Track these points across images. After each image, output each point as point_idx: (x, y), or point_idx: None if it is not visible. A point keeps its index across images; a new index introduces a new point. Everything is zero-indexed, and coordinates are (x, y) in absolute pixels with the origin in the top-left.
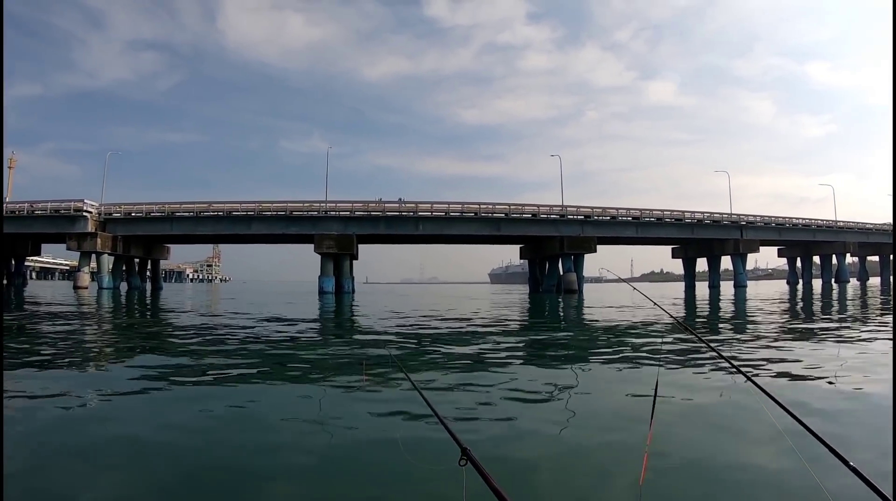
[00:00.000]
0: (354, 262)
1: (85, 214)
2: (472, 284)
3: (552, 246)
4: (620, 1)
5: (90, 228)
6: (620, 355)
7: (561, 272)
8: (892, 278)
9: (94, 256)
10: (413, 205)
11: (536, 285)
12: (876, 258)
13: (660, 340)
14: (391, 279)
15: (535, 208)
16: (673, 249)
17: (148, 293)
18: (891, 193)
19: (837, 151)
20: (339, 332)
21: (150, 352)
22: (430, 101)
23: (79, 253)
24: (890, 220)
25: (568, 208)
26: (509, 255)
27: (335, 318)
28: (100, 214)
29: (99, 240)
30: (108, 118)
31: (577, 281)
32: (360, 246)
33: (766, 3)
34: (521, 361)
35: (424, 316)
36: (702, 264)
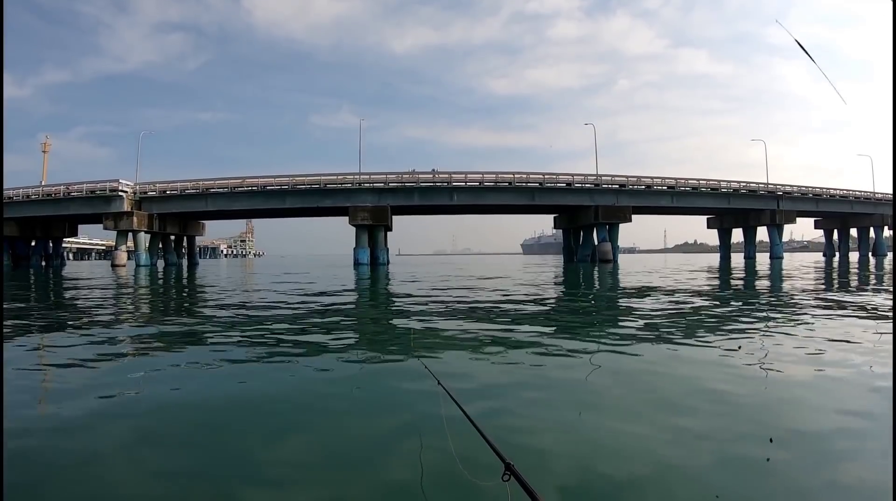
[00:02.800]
0: (388, 234)
1: (121, 193)
2: (504, 254)
3: (587, 216)
4: None
5: (126, 207)
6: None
7: (595, 242)
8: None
9: (130, 234)
10: (447, 175)
11: (571, 256)
12: None
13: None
14: (423, 251)
15: (570, 177)
16: (708, 219)
17: (185, 270)
18: None
19: (875, 121)
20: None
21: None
22: (459, 72)
23: (115, 232)
24: None
25: (602, 178)
26: (541, 226)
27: (371, 287)
28: (135, 193)
29: (135, 218)
30: (138, 101)
31: (611, 251)
32: (394, 218)
33: None
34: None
35: (459, 294)
36: (737, 236)
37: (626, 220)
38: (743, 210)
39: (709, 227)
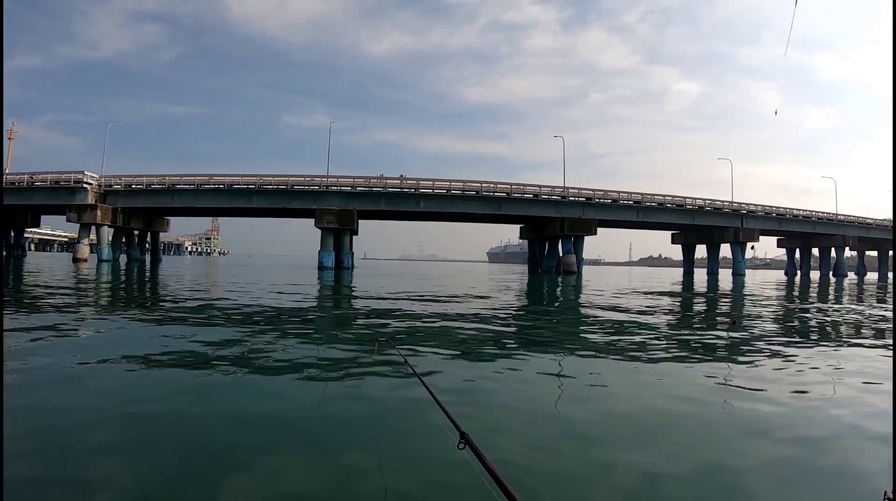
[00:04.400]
0: (354, 237)
1: (85, 185)
2: (470, 262)
3: (552, 227)
4: None
5: (90, 199)
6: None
7: (560, 254)
8: (891, 273)
9: (93, 228)
10: (414, 182)
11: (535, 266)
12: (875, 253)
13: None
14: (390, 255)
15: (537, 188)
16: (673, 234)
17: (148, 266)
18: (891, 188)
19: (841, 144)
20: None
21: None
22: (434, 78)
23: (78, 225)
24: (889, 215)
25: (569, 190)
26: (508, 234)
27: (333, 295)
28: (100, 185)
29: (99, 212)
30: (110, 90)
31: (576, 263)
32: (361, 222)
33: None
34: (517, 344)
35: (422, 296)
36: (701, 251)
37: (591, 233)
38: (707, 227)
39: (673, 242)
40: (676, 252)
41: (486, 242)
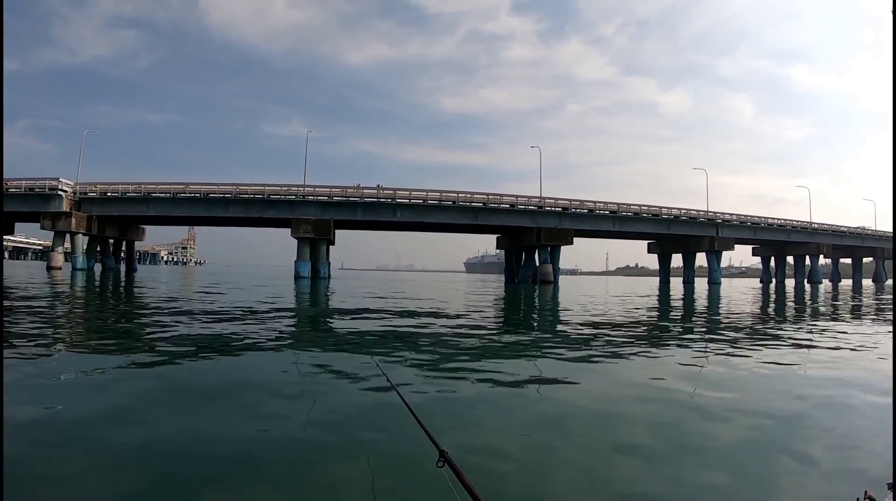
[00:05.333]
0: (331, 247)
1: (60, 193)
2: (447, 272)
3: (529, 237)
4: None
5: (65, 207)
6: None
7: (537, 263)
8: (892, 280)
9: (68, 236)
10: (391, 192)
11: (512, 276)
12: (849, 261)
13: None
14: (367, 266)
15: (514, 198)
16: (649, 244)
17: (123, 275)
18: (891, 194)
19: (815, 154)
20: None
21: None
22: (413, 88)
23: (53, 233)
24: (863, 223)
25: (546, 200)
26: (485, 245)
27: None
28: (75, 193)
29: (74, 220)
30: (87, 96)
31: (552, 273)
32: (337, 232)
33: (753, 3)
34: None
35: (401, 309)
36: (677, 260)
37: (567, 243)
38: (683, 236)
39: (649, 251)
40: (653, 261)
41: (463, 252)
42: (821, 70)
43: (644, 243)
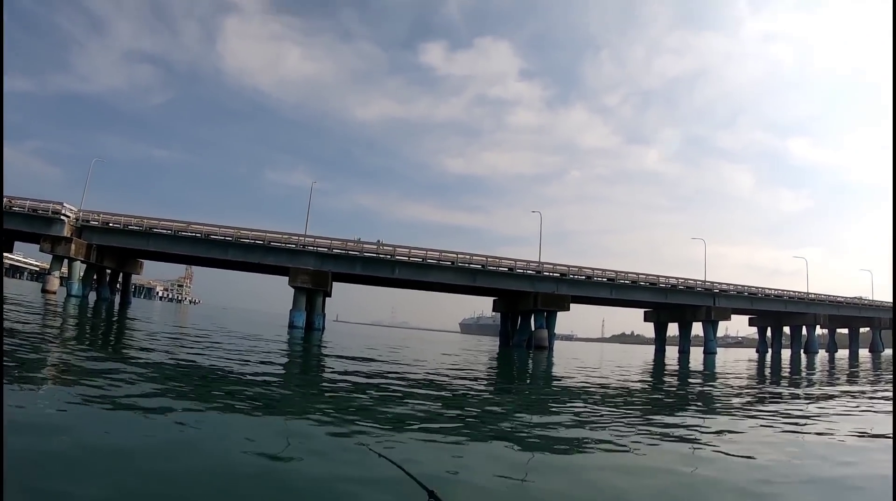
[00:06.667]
0: (327, 299)
1: (62, 217)
2: (442, 332)
3: (526, 301)
4: (612, 66)
5: (66, 232)
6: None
7: (533, 328)
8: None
9: (66, 261)
10: (391, 248)
11: (507, 340)
12: (845, 331)
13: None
14: (362, 320)
15: (512, 262)
16: (646, 312)
17: (116, 307)
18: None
19: (812, 225)
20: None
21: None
22: (418, 147)
23: (51, 256)
24: (860, 293)
25: (544, 265)
26: (481, 306)
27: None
28: (77, 219)
29: (73, 246)
30: (98, 125)
31: (548, 338)
32: (335, 283)
33: (754, 77)
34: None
35: (391, 368)
36: (673, 329)
37: (564, 308)
38: (680, 305)
39: (646, 320)
40: (649, 330)
41: (459, 312)
42: (819, 143)
43: (640, 311)
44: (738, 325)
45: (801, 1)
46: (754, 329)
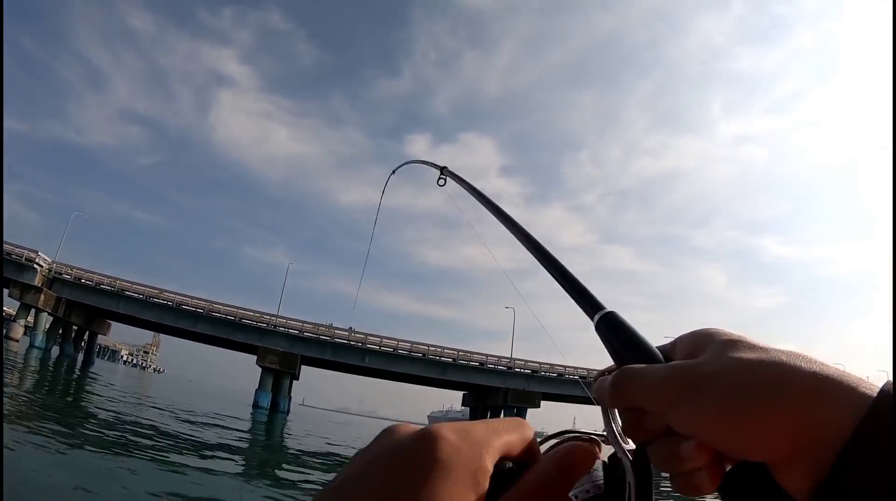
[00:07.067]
0: (294, 381)
1: (36, 266)
2: (410, 423)
3: (496, 397)
4: (590, 166)
5: (37, 281)
6: None
7: None
8: None
9: (33, 310)
10: (363, 336)
11: None
12: None
13: None
14: (328, 405)
15: (483, 357)
16: None
17: (78, 366)
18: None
19: (786, 321)
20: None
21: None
22: (397, 236)
23: (19, 303)
24: None
25: (515, 361)
26: (451, 399)
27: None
28: (50, 270)
29: (43, 297)
30: (83, 178)
31: None
32: (303, 366)
33: (728, 179)
34: None
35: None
36: None
37: (534, 406)
38: None
39: None
40: None
41: (427, 404)
42: (790, 241)
43: None
44: None
45: (773, 104)
46: None
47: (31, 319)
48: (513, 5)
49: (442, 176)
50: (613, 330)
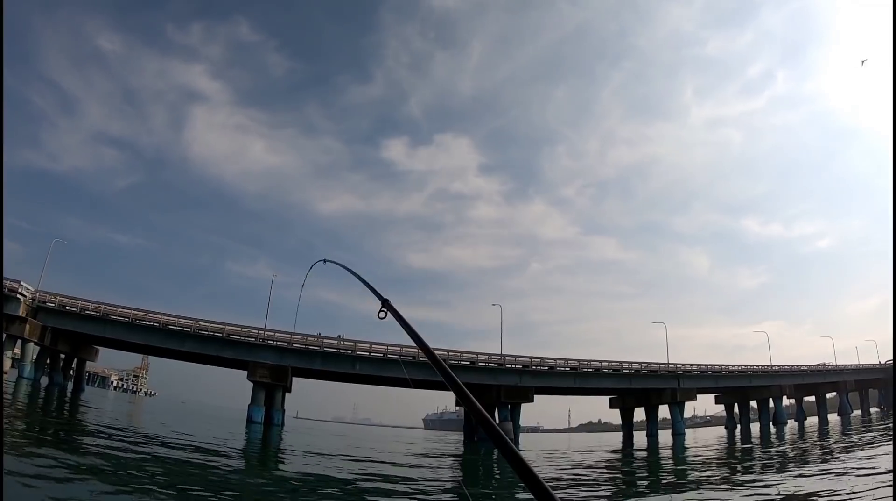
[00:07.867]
0: (287, 394)
1: (19, 296)
2: (405, 428)
3: (489, 395)
4: (568, 159)
5: (21, 312)
6: None
7: (497, 421)
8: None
9: (19, 341)
10: (352, 343)
11: (472, 434)
12: (812, 398)
13: None
14: (323, 416)
15: (474, 355)
16: (611, 399)
17: (68, 394)
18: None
19: (770, 299)
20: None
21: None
22: (380, 241)
23: (4, 335)
24: (823, 360)
25: (506, 358)
26: (444, 401)
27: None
28: (34, 299)
29: (28, 327)
30: (60, 205)
31: (513, 430)
32: (295, 379)
33: (705, 163)
34: None
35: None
36: (640, 414)
37: (528, 400)
38: (644, 390)
39: (611, 407)
40: (615, 416)
41: (422, 407)
42: (770, 220)
43: (606, 399)
44: (705, 404)
45: (744, 85)
46: (722, 407)
47: (17, 350)
48: (481, 3)
49: (383, 309)
50: None
